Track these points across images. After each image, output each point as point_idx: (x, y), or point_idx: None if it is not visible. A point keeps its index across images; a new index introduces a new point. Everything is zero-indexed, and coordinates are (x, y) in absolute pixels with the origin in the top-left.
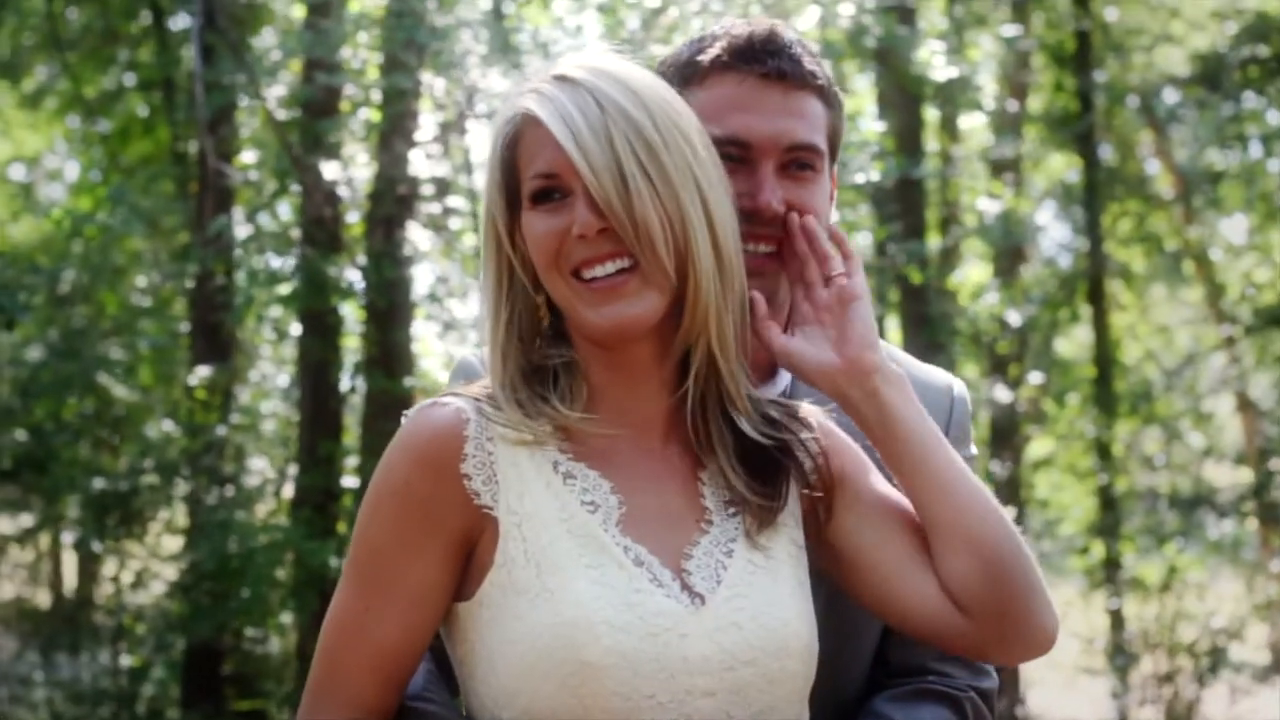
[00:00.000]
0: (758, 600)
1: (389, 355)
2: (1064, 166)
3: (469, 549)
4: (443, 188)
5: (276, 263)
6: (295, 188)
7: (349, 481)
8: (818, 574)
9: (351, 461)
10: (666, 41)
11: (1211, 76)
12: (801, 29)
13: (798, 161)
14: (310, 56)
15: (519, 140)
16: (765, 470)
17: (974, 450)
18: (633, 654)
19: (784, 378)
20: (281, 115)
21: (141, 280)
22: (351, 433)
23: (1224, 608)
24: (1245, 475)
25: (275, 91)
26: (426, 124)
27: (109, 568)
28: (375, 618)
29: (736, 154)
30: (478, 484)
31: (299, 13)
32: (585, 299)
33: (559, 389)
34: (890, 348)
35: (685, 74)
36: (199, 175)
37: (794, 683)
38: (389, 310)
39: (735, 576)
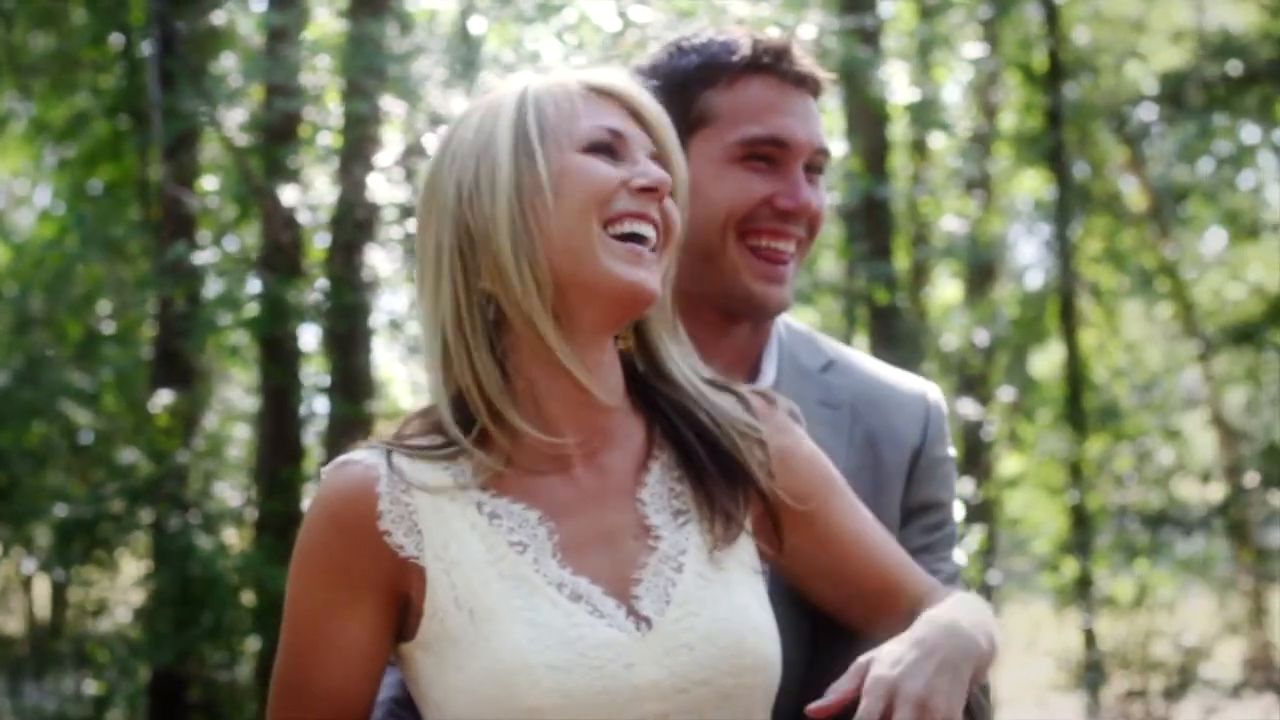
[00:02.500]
0: (708, 618)
1: (350, 380)
2: (1036, 184)
3: (401, 599)
4: (406, 212)
5: (237, 288)
6: (255, 213)
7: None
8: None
9: (313, 487)
10: (626, 63)
11: (1176, 94)
12: None
13: (816, 165)
14: (270, 82)
15: (564, 100)
16: (718, 476)
17: (952, 452)
18: (577, 692)
19: (767, 375)
20: (241, 141)
21: (105, 306)
22: (313, 457)
23: (1195, 625)
24: (1217, 492)
25: (235, 117)
26: (388, 148)
27: (75, 594)
28: (315, 680)
29: (773, 154)
30: (399, 537)
31: (259, 38)
32: (620, 255)
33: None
34: (862, 356)
35: (706, 75)
36: (161, 201)
37: (752, 695)
38: (349, 335)
39: (685, 594)
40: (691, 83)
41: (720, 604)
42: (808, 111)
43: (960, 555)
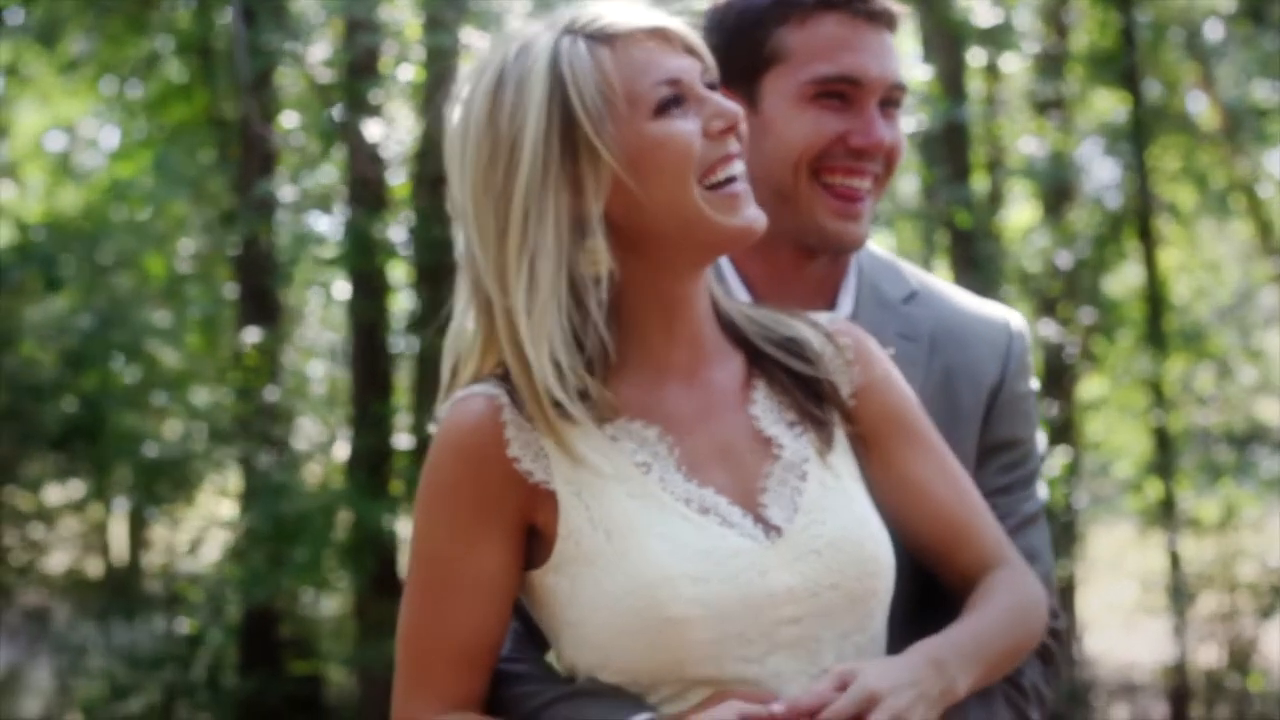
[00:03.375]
0: (833, 525)
1: (438, 314)
2: (1109, 105)
3: (529, 527)
4: None
5: (322, 225)
6: (339, 149)
7: (402, 441)
8: None
9: (404, 420)
10: None
11: (1256, 10)
12: None
13: (893, 100)
14: (350, 17)
15: (607, 58)
16: (807, 393)
17: (1034, 385)
18: (715, 600)
19: (844, 306)
20: (324, 77)
21: (187, 245)
22: (402, 392)
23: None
24: None
25: (316, 53)
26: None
27: (162, 534)
28: (450, 615)
29: (847, 91)
30: (528, 463)
31: None
32: (724, 204)
33: (589, 349)
34: (947, 286)
35: (779, 13)
36: (241, 139)
37: (875, 598)
38: (436, 269)
39: (811, 501)
40: (765, 20)
41: (843, 511)
42: (882, 47)
43: (1043, 489)
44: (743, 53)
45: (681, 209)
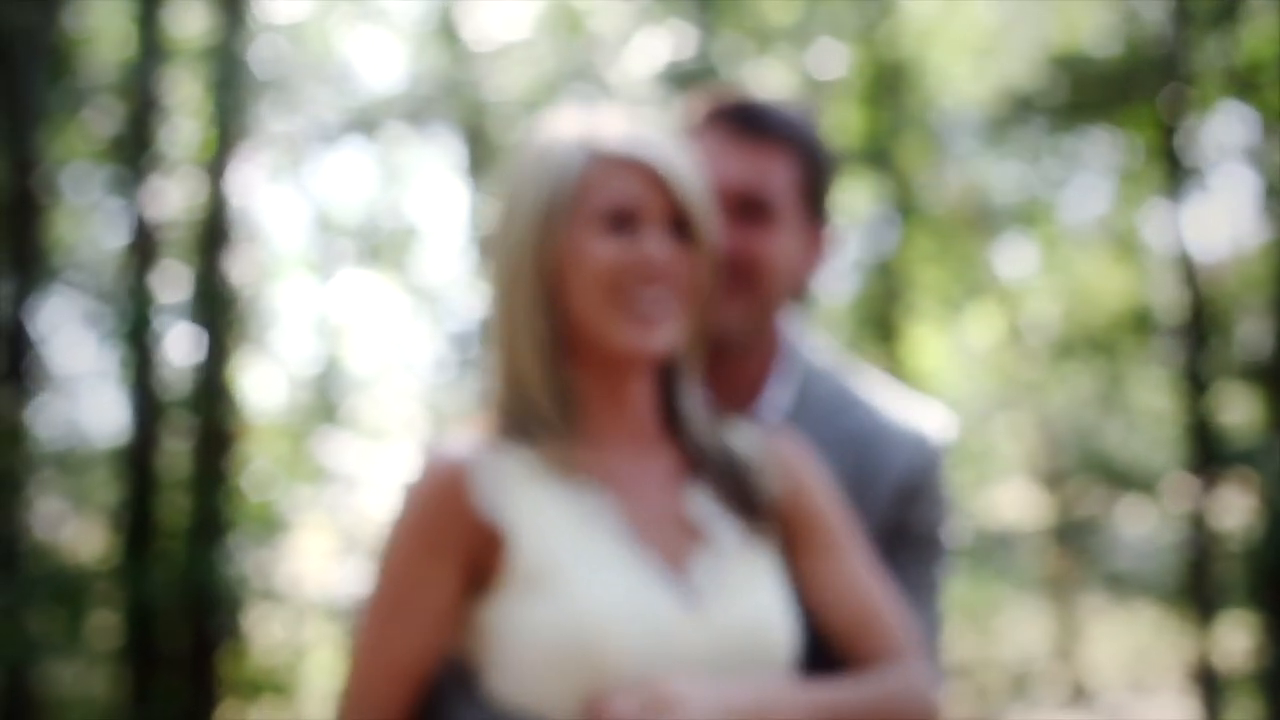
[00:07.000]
0: (747, 607)
1: (213, 386)
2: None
3: (480, 564)
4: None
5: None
6: (119, 217)
7: (174, 511)
8: None
9: (178, 491)
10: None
11: (1017, 110)
12: None
13: (750, 211)
14: (137, 89)
15: (588, 171)
16: (737, 494)
17: (945, 491)
18: (633, 649)
19: (772, 408)
20: (105, 144)
21: None
22: (178, 463)
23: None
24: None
25: (101, 120)
26: (252, 157)
27: None
28: (399, 644)
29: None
30: (483, 501)
31: (125, 46)
32: (627, 322)
33: (555, 411)
34: (879, 392)
35: (683, 129)
36: (12, 199)
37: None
38: (213, 341)
39: (728, 583)
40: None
41: (751, 597)
42: (739, 159)
43: (943, 572)
44: None
45: (588, 313)
